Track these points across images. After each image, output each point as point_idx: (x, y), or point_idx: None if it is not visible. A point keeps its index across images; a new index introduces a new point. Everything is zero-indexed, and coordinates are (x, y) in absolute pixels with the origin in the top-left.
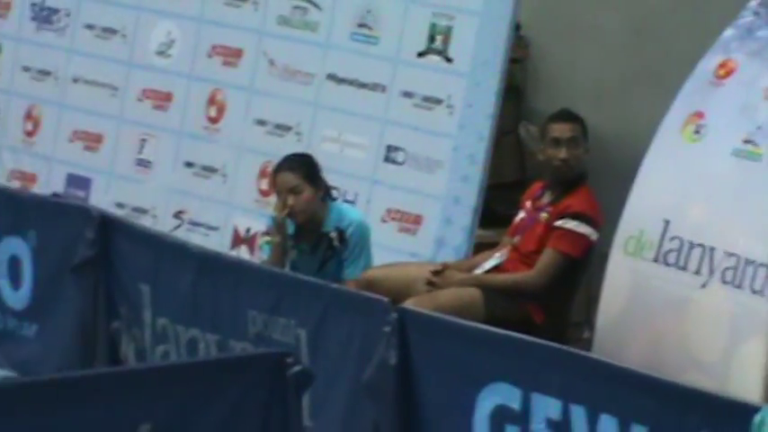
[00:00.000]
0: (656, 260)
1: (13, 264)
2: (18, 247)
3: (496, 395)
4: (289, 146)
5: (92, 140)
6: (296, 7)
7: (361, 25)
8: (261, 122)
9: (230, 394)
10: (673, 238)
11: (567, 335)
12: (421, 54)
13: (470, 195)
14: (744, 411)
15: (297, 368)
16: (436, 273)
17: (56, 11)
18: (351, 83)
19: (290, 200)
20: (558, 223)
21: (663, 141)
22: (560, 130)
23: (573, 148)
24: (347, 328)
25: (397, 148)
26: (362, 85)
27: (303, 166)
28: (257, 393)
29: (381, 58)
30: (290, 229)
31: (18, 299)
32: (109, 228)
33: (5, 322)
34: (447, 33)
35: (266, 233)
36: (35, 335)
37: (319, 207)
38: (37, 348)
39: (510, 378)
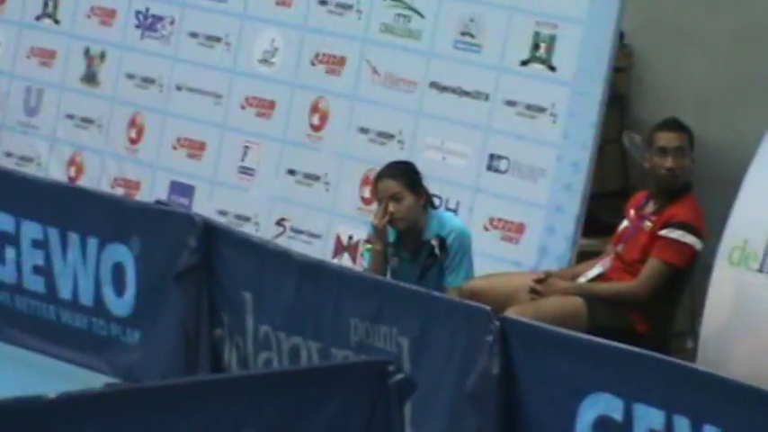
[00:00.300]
0: (760, 270)
1: (117, 271)
2: (122, 254)
3: (599, 405)
4: (391, 154)
5: (195, 148)
6: (399, 15)
7: (464, 33)
8: (363, 130)
9: (333, 402)
10: None
11: (671, 345)
12: (524, 62)
13: (573, 204)
14: None
15: (399, 376)
16: (539, 281)
17: (160, 18)
18: (453, 91)
19: (392, 207)
20: (663, 232)
21: None
22: (667, 139)
23: (679, 157)
24: (449, 337)
25: (499, 157)
26: (465, 94)
27: (405, 174)
28: (359, 401)
29: (484, 67)
30: (392, 236)
31: (122, 306)
32: (212, 235)
33: (109, 329)
34: (551, 42)
35: (368, 241)
36: (138, 342)
37: (420, 215)
38: (140, 355)
39: (612, 388)
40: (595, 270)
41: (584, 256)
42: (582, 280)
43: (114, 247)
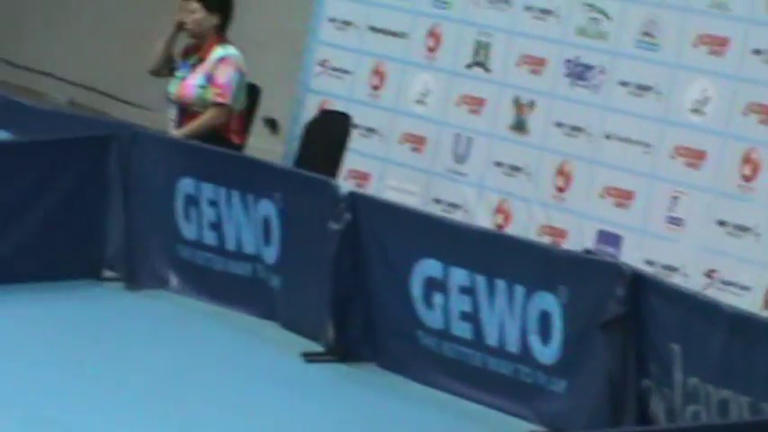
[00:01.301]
0: None
1: (544, 319)
2: (549, 302)
3: None
4: None
5: (623, 197)
6: None
7: None
8: None
9: None
10: None
11: None
12: None
13: None
14: None
15: None
16: None
17: (590, 68)
18: None
19: None
20: None
21: None
22: None
23: None
24: None
25: None
26: None
27: None
28: None
29: None
30: None
31: (548, 354)
32: (640, 285)
33: (535, 377)
34: None
35: None
36: (564, 391)
37: None
38: (566, 404)
39: None
40: None
41: None
42: None
43: (541, 295)
